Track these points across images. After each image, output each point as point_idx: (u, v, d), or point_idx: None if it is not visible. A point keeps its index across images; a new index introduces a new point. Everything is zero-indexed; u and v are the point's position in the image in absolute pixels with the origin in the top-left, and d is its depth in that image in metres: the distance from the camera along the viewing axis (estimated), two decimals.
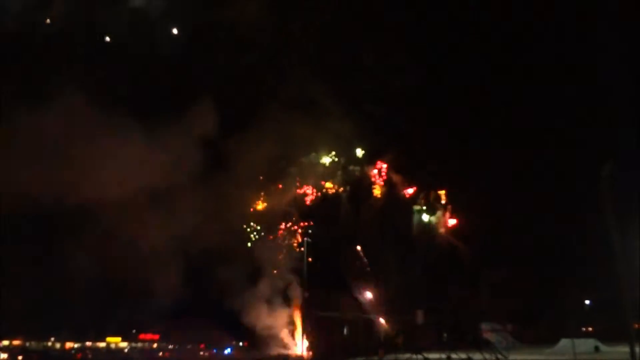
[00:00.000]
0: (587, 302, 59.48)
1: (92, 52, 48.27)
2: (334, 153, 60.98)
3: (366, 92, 56.09)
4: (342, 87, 53.69)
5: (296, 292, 53.89)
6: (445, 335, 62.02)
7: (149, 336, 61.54)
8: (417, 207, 63.48)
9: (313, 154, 59.74)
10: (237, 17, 49.27)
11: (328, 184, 60.42)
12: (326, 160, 60.85)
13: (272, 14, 51.10)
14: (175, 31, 50.90)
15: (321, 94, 51.64)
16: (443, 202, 64.13)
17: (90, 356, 56.21)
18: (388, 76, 54.40)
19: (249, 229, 57.30)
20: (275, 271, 54.24)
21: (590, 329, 56.72)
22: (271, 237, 57.55)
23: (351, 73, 55.28)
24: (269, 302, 53.24)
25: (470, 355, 37.42)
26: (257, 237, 57.47)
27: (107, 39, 48.73)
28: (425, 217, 63.77)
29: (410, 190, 63.33)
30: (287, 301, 54.51)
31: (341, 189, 60.86)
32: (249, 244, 56.45)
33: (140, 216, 43.54)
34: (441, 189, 64.53)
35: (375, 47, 53.96)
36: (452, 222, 63.90)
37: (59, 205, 39.86)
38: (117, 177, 41.45)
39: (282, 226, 58.60)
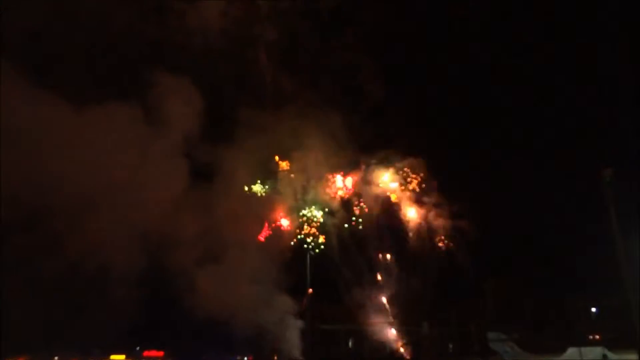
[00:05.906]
0: (593, 309, 59.04)
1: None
2: None
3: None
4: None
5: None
6: (451, 345, 61.66)
7: (153, 353, 60.92)
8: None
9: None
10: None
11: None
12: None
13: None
14: None
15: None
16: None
17: None
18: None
19: None
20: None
21: (597, 336, 56.18)
22: None
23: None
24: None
25: None
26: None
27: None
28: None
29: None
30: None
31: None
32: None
33: (149, 226, 42.96)
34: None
35: None
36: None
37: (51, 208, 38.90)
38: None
39: None
